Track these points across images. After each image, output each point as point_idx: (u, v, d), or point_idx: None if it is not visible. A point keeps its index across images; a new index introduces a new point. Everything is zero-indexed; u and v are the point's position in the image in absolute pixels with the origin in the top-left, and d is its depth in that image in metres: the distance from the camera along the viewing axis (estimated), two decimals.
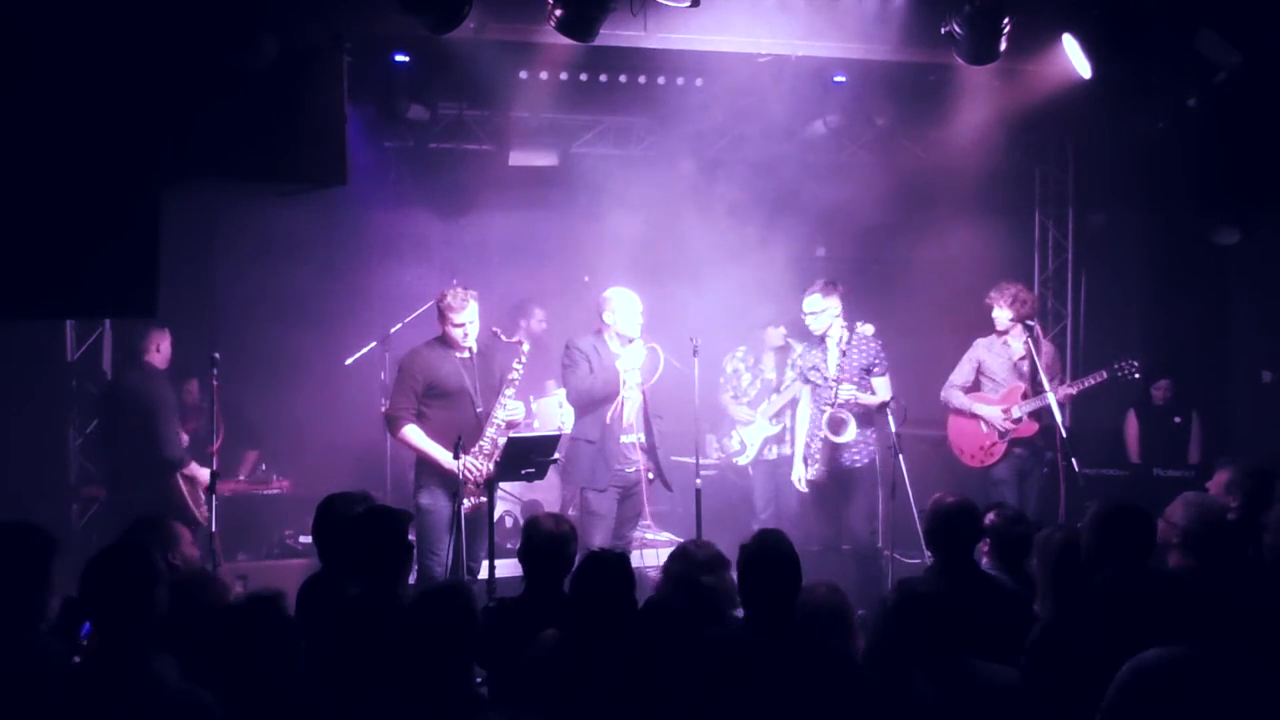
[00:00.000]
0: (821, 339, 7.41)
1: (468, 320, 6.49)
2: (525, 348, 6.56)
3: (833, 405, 7.18)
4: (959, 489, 5.07)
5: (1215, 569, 4.48)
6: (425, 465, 6.49)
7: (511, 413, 6.49)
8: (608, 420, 6.79)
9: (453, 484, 6.32)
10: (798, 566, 3.96)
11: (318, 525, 4.75)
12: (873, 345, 7.32)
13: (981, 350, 7.77)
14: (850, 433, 7.18)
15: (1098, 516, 4.42)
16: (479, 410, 6.42)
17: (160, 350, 7.33)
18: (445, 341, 6.59)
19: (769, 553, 3.98)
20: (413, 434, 6.46)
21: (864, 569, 7.23)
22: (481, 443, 6.39)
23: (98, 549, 3.67)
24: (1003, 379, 7.63)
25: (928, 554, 4.85)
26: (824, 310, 7.31)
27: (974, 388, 7.80)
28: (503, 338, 6.62)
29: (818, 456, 7.32)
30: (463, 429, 6.30)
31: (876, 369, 7.28)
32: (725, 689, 3.73)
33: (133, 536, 4.41)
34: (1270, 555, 4.62)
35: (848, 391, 7.18)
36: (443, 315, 6.55)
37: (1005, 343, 7.67)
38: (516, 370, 6.51)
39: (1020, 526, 4.75)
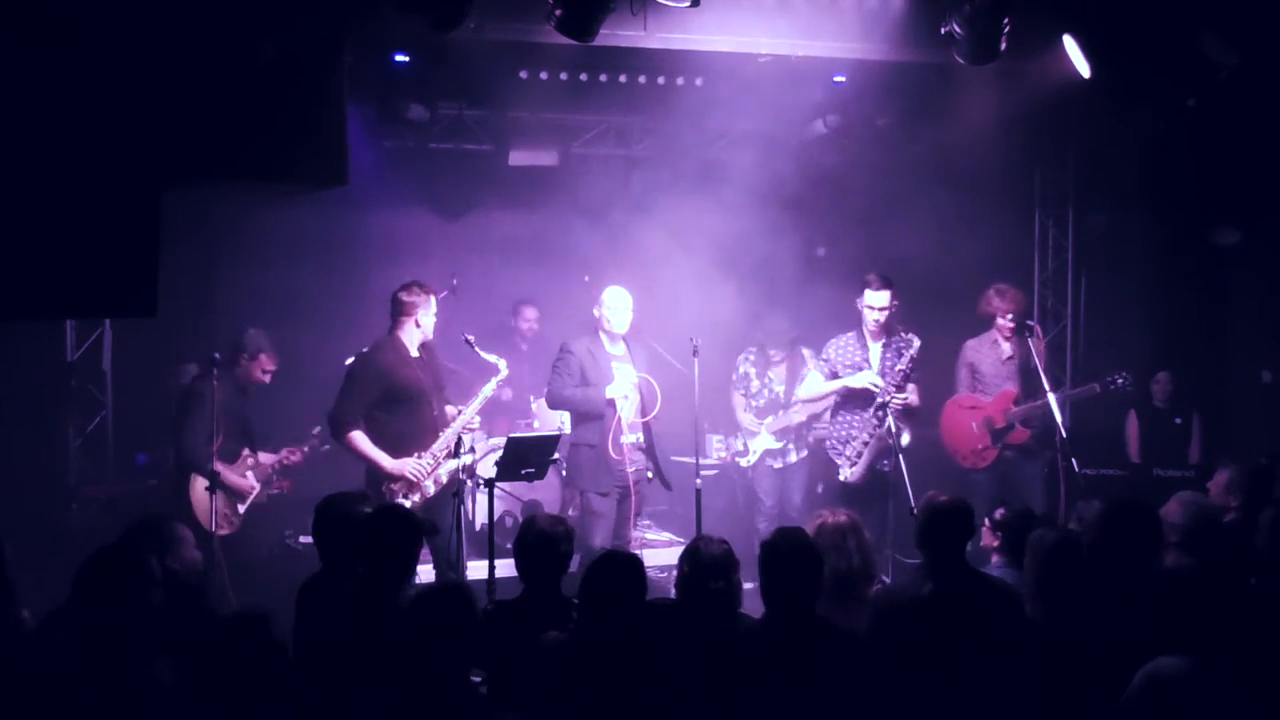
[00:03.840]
0: (861, 335, 7.33)
1: (427, 314, 6.50)
2: (503, 369, 6.57)
3: (887, 410, 7.02)
4: (956, 489, 5.06)
5: (1213, 569, 4.48)
6: (373, 472, 6.41)
7: (471, 426, 6.55)
8: (607, 425, 6.80)
9: (417, 488, 6.36)
10: (819, 564, 3.97)
11: (318, 525, 4.75)
12: (912, 354, 7.21)
13: (970, 353, 7.79)
14: (907, 438, 7.11)
15: (1105, 515, 4.43)
16: (435, 413, 6.41)
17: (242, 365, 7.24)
18: (398, 342, 6.52)
19: (790, 550, 3.98)
20: (359, 439, 6.34)
21: None
22: (435, 447, 6.37)
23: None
24: (991, 380, 7.64)
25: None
26: (889, 307, 7.20)
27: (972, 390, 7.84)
28: (478, 351, 6.58)
29: (856, 459, 7.18)
30: (423, 432, 6.34)
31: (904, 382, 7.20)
32: (741, 688, 3.72)
33: (129, 537, 4.41)
34: (1264, 555, 4.62)
35: (902, 397, 7.08)
36: (406, 310, 6.48)
37: (995, 342, 7.69)
38: (488, 388, 6.54)
39: (1030, 523, 4.76)
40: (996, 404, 7.57)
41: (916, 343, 7.14)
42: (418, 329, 6.48)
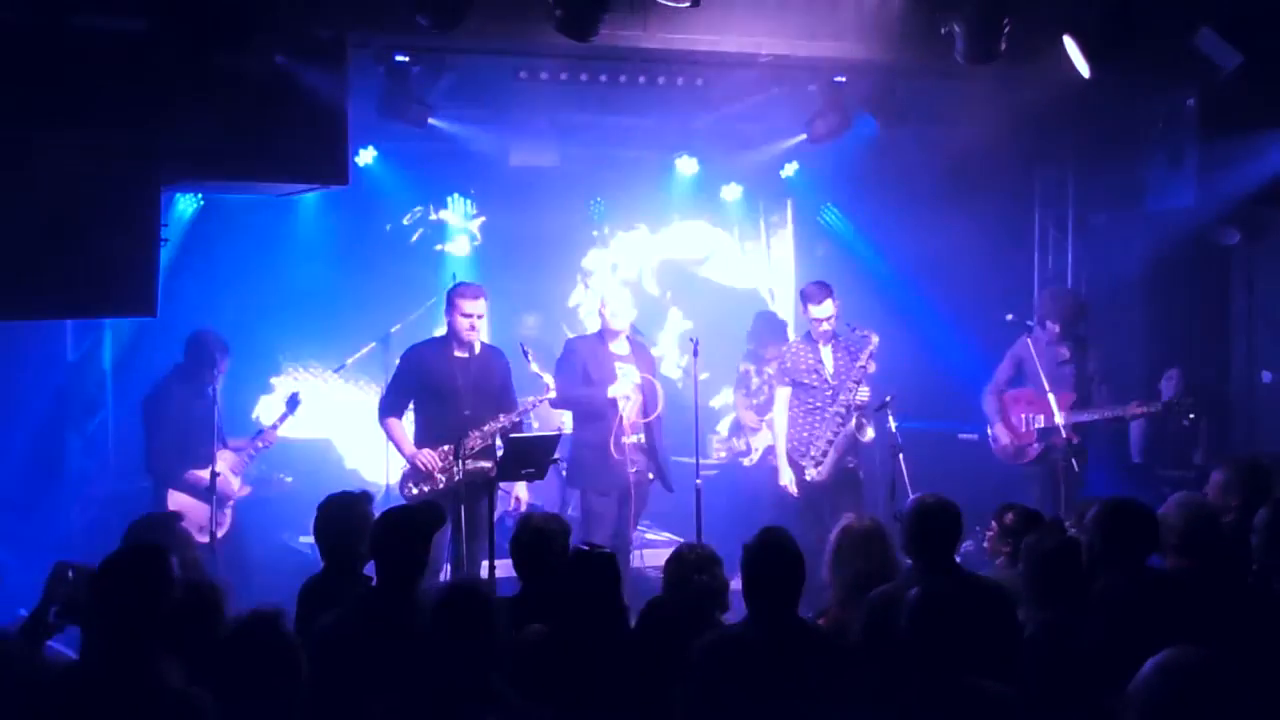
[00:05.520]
0: (810, 338, 7.39)
1: (475, 313, 6.54)
2: (552, 389, 6.62)
3: (850, 408, 7.13)
4: (953, 488, 5.05)
5: (1212, 570, 4.47)
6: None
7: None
8: (610, 425, 6.81)
9: (428, 479, 6.44)
10: (802, 564, 3.97)
11: (319, 525, 4.73)
12: (870, 350, 7.25)
13: (1022, 348, 7.72)
14: (871, 433, 7.20)
15: (1101, 515, 4.42)
16: (466, 413, 6.41)
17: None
18: (448, 338, 6.62)
19: (773, 550, 3.98)
20: (391, 425, 6.66)
21: None
22: (453, 444, 6.41)
23: (102, 550, 3.68)
24: (1040, 380, 7.61)
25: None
26: (835, 314, 7.28)
27: (1014, 385, 7.88)
28: (534, 368, 6.60)
29: (821, 458, 7.24)
30: (448, 429, 6.37)
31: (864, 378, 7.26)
32: (723, 687, 3.72)
33: (139, 535, 4.42)
34: (1258, 557, 4.61)
35: (865, 393, 7.16)
36: (451, 304, 6.62)
37: (1049, 344, 7.66)
38: (531, 402, 6.71)
39: (1032, 527, 4.74)
40: (1053, 404, 7.59)
41: (874, 339, 7.19)
42: (462, 319, 6.56)
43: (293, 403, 7.39)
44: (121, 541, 4.33)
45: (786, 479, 7.34)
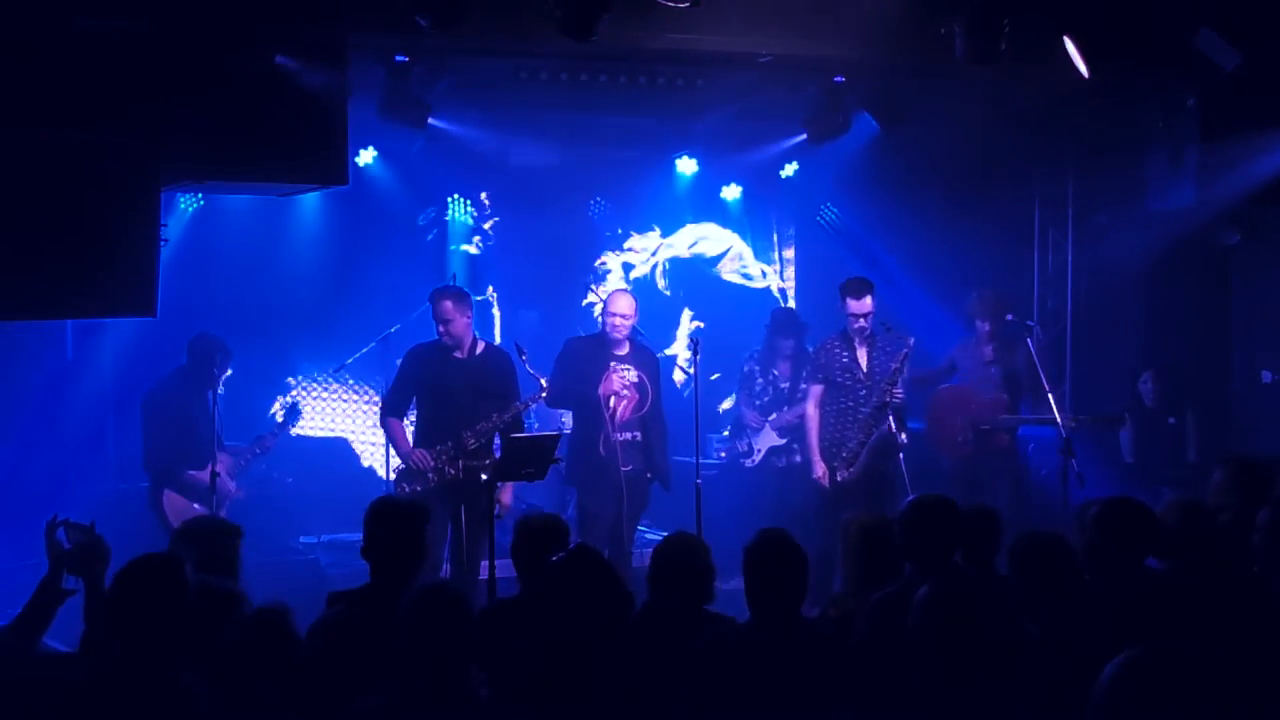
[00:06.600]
0: (847, 337, 7.36)
1: (438, 319, 6.61)
2: (544, 389, 6.58)
3: (886, 409, 7.08)
4: (948, 486, 5.05)
5: (1208, 571, 4.47)
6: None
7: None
8: (603, 421, 6.81)
9: (420, 478, 6.43)
10: (806, 564, 3.95)
11: (368, 534, 4.63)
12: (906, 352, 7.21)
13: (958, 349, 7.96)
14: (904, 436, 7.16)
15: (1099, 514, 4.42)
16: (463, 413, 6.45)
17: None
18: (438, 341, 6.69)
19: (776, 550, 3.95)
20: (392, 425, 6.75)
21: None
22: (449, 444, 6.46)
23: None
24: (969, 379, 7.74)
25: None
26: (871, 311, 7.27)
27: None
28: (529, 369, 6.63)
29: (853, 459, 7.21)
30: (444, 428, 6.43)
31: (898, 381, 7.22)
32: (729, 692, 3.72)
33: (172, 545, 4.43)
34: (1260, 558, 4.60)
35: (900, 395, 7.13)
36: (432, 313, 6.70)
37: (977, 344, 7.77)
38: (528, 404, 6.75)
39: (992, 525, 4.74)
40: (987, 407, 7.62)
41: (911, 341, 7.19)
42: (444, 325, 6.58)
43: (294, 413, 7.42)
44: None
45: (820, 472, 7.31)
